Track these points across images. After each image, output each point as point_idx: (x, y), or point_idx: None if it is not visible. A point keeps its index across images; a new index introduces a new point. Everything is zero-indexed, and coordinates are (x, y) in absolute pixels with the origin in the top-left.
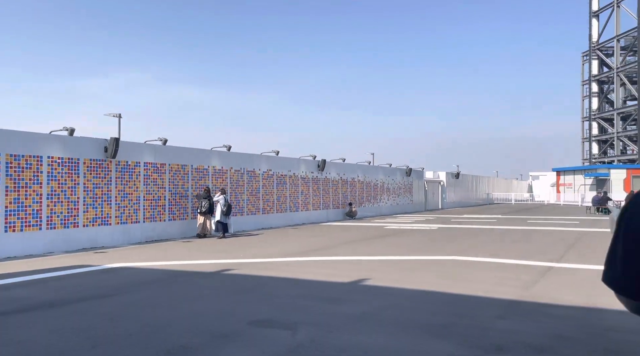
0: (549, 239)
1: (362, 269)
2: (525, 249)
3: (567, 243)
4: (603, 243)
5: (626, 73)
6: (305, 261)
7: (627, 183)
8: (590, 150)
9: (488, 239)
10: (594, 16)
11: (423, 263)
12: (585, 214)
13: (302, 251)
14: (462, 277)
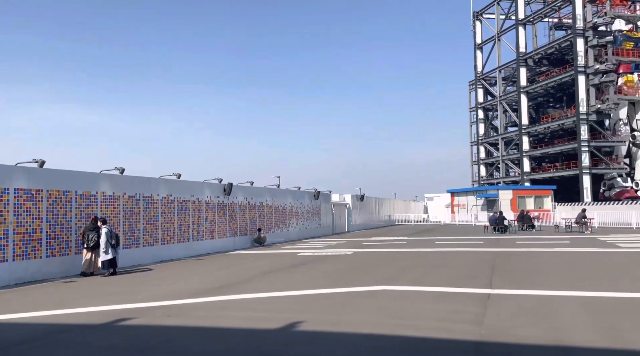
0: (467, 262)
1: (288, 308)
2: (451, 274)
3: (488, 265)
4: (519, 264)
5: (507, 101)
6: (219, 301)
7: (514, 202)
8: (479, 172)
9: (409, 263)
10: (478, 48)
11: (355, 297)
12: (483, 233)
13: (212, 287)
14: (404, 313)
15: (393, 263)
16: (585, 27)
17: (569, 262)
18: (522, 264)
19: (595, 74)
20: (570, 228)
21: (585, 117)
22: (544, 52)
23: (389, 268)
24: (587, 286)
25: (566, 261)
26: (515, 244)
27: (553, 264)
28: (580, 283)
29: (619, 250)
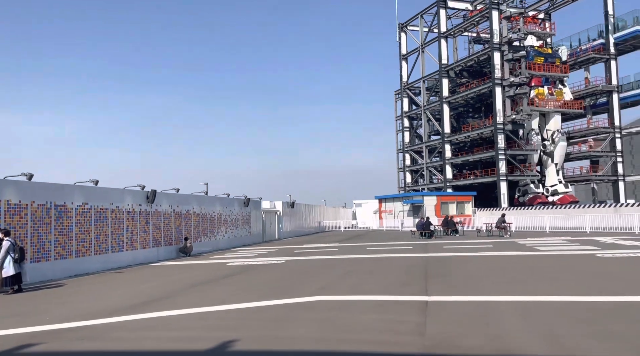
0: (400, 268)
1: (220, 325)
2: (387, 281)
3: (421, 271)
4: (450, 269)
5: (431, 111)
6: (141, 320)
7: (438, 208)
8: (404, 179)
9: (344, 271)
10: (403, 59)
11: (291, 309)
12: (411, 238)
13: (134, 304)
14: (346, 326)
15: (327, 271)
16: (501, 42)
17: (496, 266)
18: (453, 269)
19: (510, 86)
20: (491, 232)
21: (501, 127)
22: (464, 64)
23: (323, 277)
24: (519, 290)
25: (494, 265)
26: (443, 249)
27: (482, 268)
28: (511, 287)
29: (539, 253)
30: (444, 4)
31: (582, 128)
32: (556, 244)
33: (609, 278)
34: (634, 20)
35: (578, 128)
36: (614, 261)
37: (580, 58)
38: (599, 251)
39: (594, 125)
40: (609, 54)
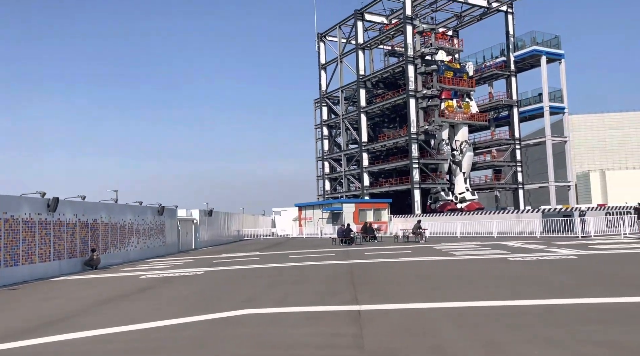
0: (326, 276)
1: (135, 348)
2: (314, 290)
3: (347, 278)
4: (376, 275)
5: (349, 120)
6: (39, 345)
7: (356, 215)
8: (324, 187)
9: (268, 281)
10: (322, 68)
11: (216, 325)
12: (332, 245)
13: (30, 326)
14: (279, 342)
15: (251, 281)
16: (415, 56)
17: (419, 272)
18: (379, 276)
19: (423, 98)
20: (407, 238)
21: (415, 137)
22: (380, 76)
23: (248, 288)
24: (447, 296)
25: (416, 271)
26: (365, 256)
27: (406, 274)
28: (439, 293)
29: (456, 258)
30: (361, 17)
31: (487, 139)
32: (469, 249)
33: (527, 281)
34: (532, 40)
35: (483, 139)
36: (525, 265)
37: (485, 74)
38: (510, 254)
39: (497, 137)
40: (510, 71)
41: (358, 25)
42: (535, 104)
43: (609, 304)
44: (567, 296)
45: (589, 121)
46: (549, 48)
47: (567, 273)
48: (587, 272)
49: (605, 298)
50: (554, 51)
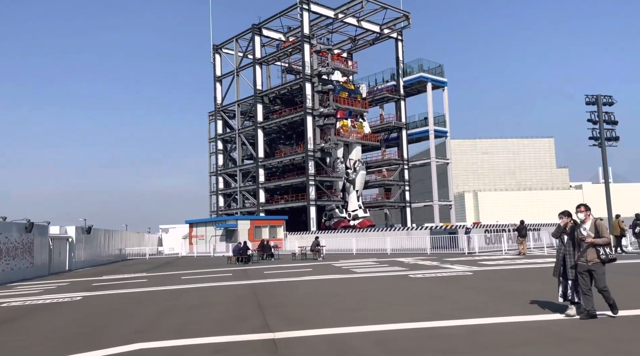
0: (228, 299)
1: None
2: (218, 316)
3: (252, 301)
4: (283, 297)
5: (245, 135)
6: None
7: (251, 232)
8: (217, 203)
9: (162, 307)
10: (218, 81)
11: None
12: (227, 264)
13: None
14: None
15: (141, 308)
16: (312, 74)
17: (326, 291)
18: (286, 297)
19: (320, 116)
20: (305, 256)
21: (312, 154)
22: (277, 92)
23: (138, 316)
24: (367, 318)
25: (323, 290)
26: (265, 275)
27: (313, 294)
28: (357, 315)
29: (358, 275)
30: (259, 32)
31: (378, 159)
32: (369, 266)
33: (439, 300)
34: (419, 67)
35: (375, 159)
36: (429, 282)
37: (377, 96)
38: (409, 271)
39: (387, 157)
40: (400, 95)
41: (255, 40)
42: (422, 128)
43: (526, 323)
44: (484, 315)
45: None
46: (434, 75)
47: (471, 290)
48: (489, 289)
49: (520, 317)
50: (439, 79)
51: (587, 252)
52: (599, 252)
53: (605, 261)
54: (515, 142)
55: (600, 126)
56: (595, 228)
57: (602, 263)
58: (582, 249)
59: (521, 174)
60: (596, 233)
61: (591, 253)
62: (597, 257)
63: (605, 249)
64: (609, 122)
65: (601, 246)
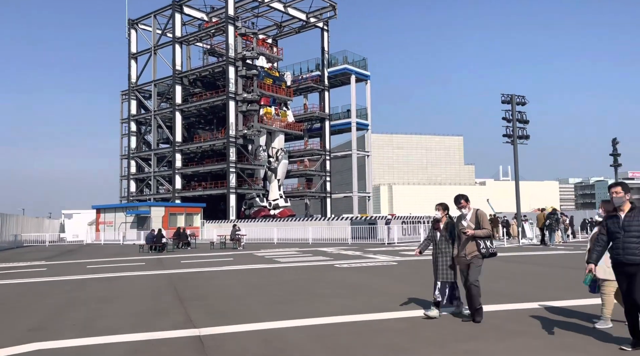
0: (143, 290)
1: None
2: (132, 310)
3: (171, 293)
4: (205, 288)
5: (162, 117)
6: None
7: (165, 219)
8: (128, 188)
9: (64, 300)
10: (133, 58)
11: None
12: (139, 253)
13: None
14: None
15: (39, 301)
16: (236, 58)
17: (251, 282)
18: (208, 289)
19: (243, 102)
20: (224, 245)
21: (233, 140)
22: (198, 73)
23: (35, 311)
24: (299, 311)
25: (248, 281)
26: (183, 265)
27: (238, 285)
28: (287, 308)
29: (283, 265)
30: (180, 9)
31: (301, 149)
32: (292, 256)
33: (370, 291)
34: (344, 59)
35: (297, 148)
36: (355, 272)
37: (302, 85)
38: (334, 261)
39: (310, 147)
40: (324, 85)
41: (176, 17)
42: (345, 119)
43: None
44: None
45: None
46: (358, 68)
47: (401, 280)
48: (419, 279)
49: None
50: (362, 72)
51: (467, 245)
52: (479, 245)
53: (485, 255)
54: (429, 139)
55: (513, 124)
56: (476, 218)
57: (482, 257)
58: (462, 242)
59: (432, 169)
60: (477, 224)
61: (471, 246)
62: (477, 250)
63: (486, 242)
64: (521, 121)
65: (482, 239)
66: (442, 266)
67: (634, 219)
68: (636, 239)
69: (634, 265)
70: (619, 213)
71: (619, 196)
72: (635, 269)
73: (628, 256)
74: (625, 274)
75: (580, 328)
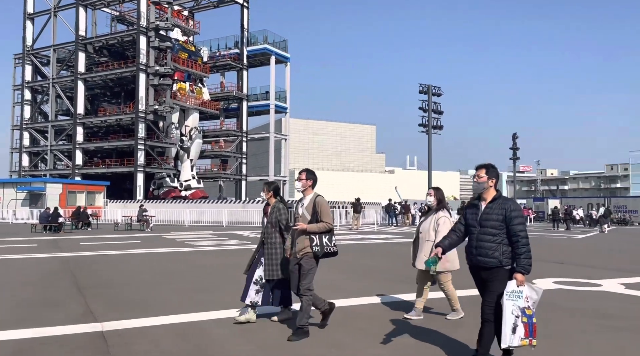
0: (33, 275)
1: None
2: (17, 298)
3: (67, 279)
4: (108, 274)
5: (62, 86)
6: None
7: (63, 198)
8: (20, 162)
9: None
10: (29, 18)
11: None
12: (31, 233)
13: None
14: None
15: None
16: (148, 27)
17: (162, 268)
18: (111, 275)
19: (155, 75)
20: (130, 226)
21: (143, 115)
22: (105, 41)
23: None
24: (218, 301)
25: (158, 267)
26: (82, 247)
27: (147, 271)
28: (205, 297)
29: (196, 249)
30: None
31: (216, 129)
32: (206, 239)
33: None
34: (264, 39)
35: (212, 128)
36: None
37: (219, 63)
38: (251, 245)
39: (226, 127)
40: (242, 64)
41: None
42: (263, 101)
43: (397, 303)
44: (350, 295)
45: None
46: (279, 50)
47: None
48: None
49: (390, 296)
50: (282, 53)
51: (299, 239)
52: (313, 241)
53: (318, 254)
54: (343, 127)
55: (429, 114)
56: (313, 207)
57: (315, 257)
58: (294, 235)
59: (346, 156)
60: (314, 215)
61: (302, 241)
62: (310, 247)
63: (323, 238)
64: (436, 111)
65: (317, 234)
66: (268, 260)
67: (493, 212)
68: (491, 237)
69: (486, 269)
70: (480, 202)
71: (480, 181)
72: (488, 274)
73: (480, 257)
74: (479, 280)
75: None
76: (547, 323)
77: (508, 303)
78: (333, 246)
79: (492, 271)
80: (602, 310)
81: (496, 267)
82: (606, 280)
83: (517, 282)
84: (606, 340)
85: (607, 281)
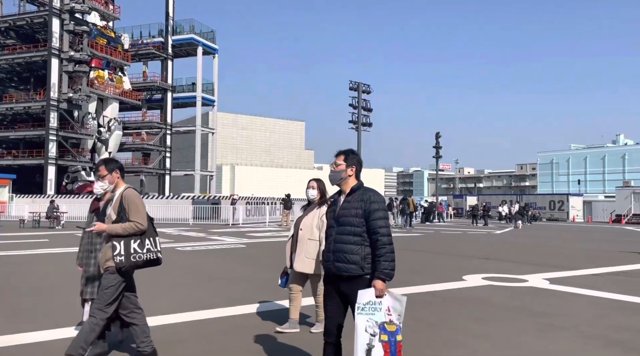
0: None
1: None
2: None
3: None
4: (16, 277)
5: None
6: None
7: None
8: None
9: None
10: None
11: None
12: None
13: None
14: None
15: None
16: (62, 9)
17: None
18: (10, 279)
19: (69, 61)
20: (38, 223)
21: (56, 104)
22: (13, 22)
23: None
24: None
25: (70, 269)
26: None
27: (54, 274)
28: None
29: None
30: None
31: (138, 120)
32: None
33: (221, 278)
34: (191, 28)
35: (134, 120)
36: (201, 256)
37: (142, 51)
38: (175, 244)
39: (148, 119)
40: (167, 54)
41: None
42: (189, 93)
43: None
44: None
45: (225, 119)
46: (206, 40)
47: (256, 265)
48: (274, 264)
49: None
50: (210, 45)
51: (103, 249)
52: (115, 249)
53: (120, 265)
54: (272, 122)
55: (358, 111)
56: (120, 203)
57: (117, 269)
58: (104, 242)
59: (275, 152)
60: (121, 214)
61: (106, 251)
62: (112, 259)
63: (131, 244)
64: (365, 108)
65: (122, 239)
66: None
67: (351, 206)
68: (351, 237)
69: (348, 280)
70: (340, 197)
71: (338, 169)
72: (349, 287)
73: (338, 263)
74: (334, 292)
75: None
76: (483, 322)
77: (361, 319)
78: (146, 252)
79: (354, 282)
80: (534, 307)
81: (359, 276)
82: (531, 276)
83: (375, 291)
84: (543, 338)
85: (531, 277)
